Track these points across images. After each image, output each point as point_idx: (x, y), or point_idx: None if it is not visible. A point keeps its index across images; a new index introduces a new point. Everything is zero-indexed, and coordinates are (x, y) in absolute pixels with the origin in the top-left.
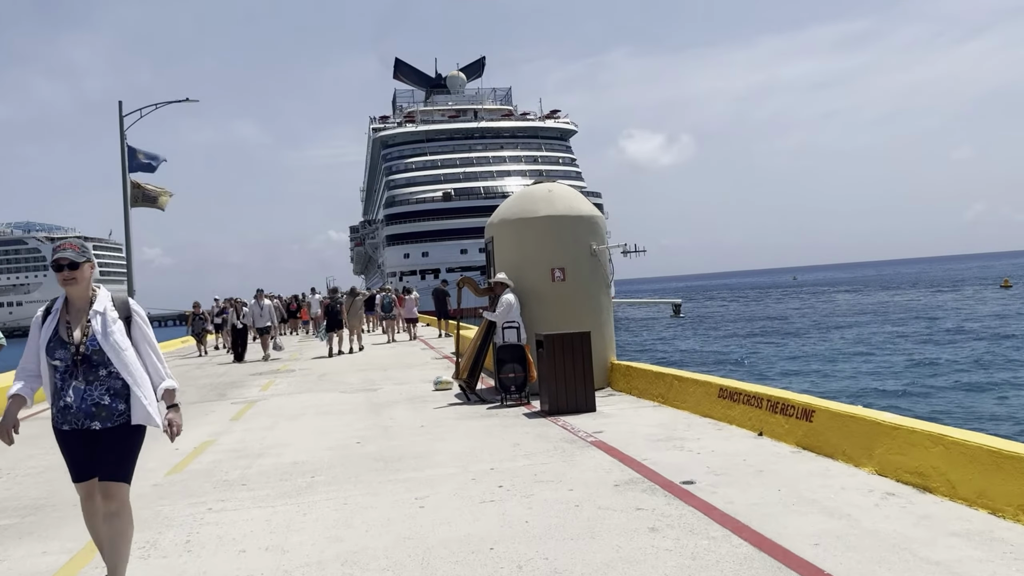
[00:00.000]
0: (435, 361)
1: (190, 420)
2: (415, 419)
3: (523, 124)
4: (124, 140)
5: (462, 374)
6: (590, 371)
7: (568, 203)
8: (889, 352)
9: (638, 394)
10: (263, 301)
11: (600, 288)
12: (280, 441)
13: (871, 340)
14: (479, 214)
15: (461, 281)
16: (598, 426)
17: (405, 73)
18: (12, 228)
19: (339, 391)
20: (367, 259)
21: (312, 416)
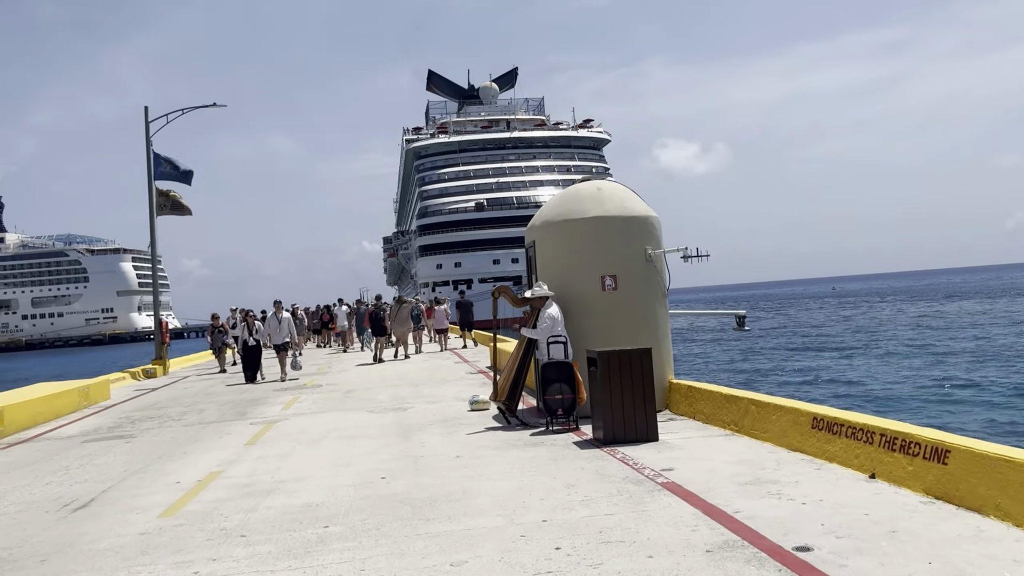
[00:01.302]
0: (469, 376)
1: (203, 443)
2: (449, 447)
3: (556, 134)
4: (150, 146)
5: (500, 395)
6: (651, 394)
7: (620, 202)
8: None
9: (704, 419)
10: (281, 314)
11: (656, 298)
12: (295, 474)
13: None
14: (512, 224)
15: (497, 290)
16: (666, 461)
17: (438, 85)
18: (54, 240)
19: (366, 410)
20: (400, 270)
21: (334, 440)
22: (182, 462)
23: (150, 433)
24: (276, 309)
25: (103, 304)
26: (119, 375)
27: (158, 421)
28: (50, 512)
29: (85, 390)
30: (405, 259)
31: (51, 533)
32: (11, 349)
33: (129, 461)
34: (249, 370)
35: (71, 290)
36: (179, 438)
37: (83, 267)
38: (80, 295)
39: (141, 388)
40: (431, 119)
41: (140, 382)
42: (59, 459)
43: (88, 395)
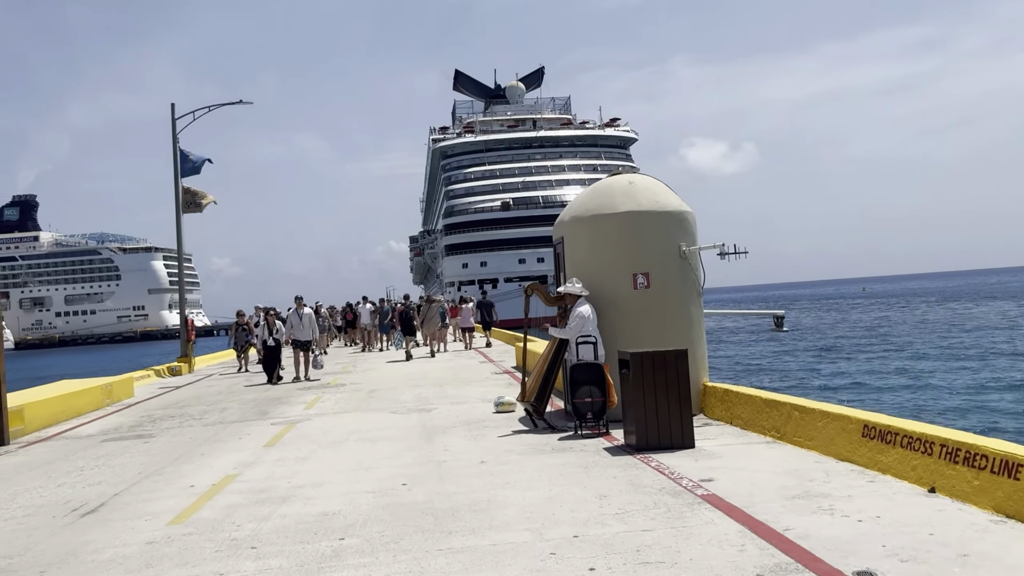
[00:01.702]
0: (494, 377)
1: (221, 443)
2: (474, 451)
3: (582, 133)
4: (176, 143)
5: (529, 396)
6: (687, 398)
7: (653, 196)
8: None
9: (742, 425)
10: (302, 310)
11: (690, 297)
12: (312, 479)
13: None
14: (538, 223)
15: (530, 287)
16: (704, 471)
17: (464, 84)
18: (87, 239)
19: (389, 411)
20: (426, 269)
21: (355, 443)
22: (198, 464)
23: (170, 433)
24: (297, 305)
25: (134, 302)
26: (144, 373)
27: (179, 420)
28: (57, 517)
29: (108, 388)
30: (431, 258)
31: (56, 541)
32: (45, 346)
33: (145, 463)
34: (269, 370)
35: (103, 288)
36: (198, 438)
37: (115, 265)
38: (112, 293)
39: (165, 386)
40: (458, 119)
41: (165, 380)
42: (75, 459)
43: (111, 393)
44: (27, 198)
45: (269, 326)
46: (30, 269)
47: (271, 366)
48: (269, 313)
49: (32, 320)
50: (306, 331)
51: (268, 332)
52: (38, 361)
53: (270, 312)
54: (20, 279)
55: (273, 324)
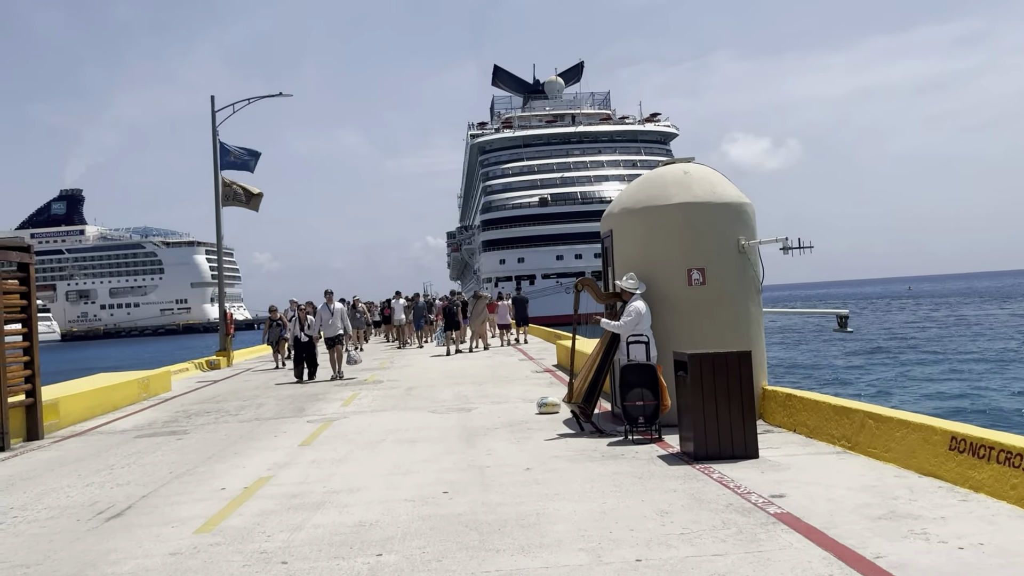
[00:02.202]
0: (535, 376)
1: (256, 442)
2: (519, 456)
3: (622, 128)
4: (216, 136)
5: (576, 397)
6: (751, 404)
7: (709, 187)
8: None
9: (807, 433)
10: (333, 304)
11: (749, 294)
12: (349, 483)
13: None
14: (576, 220)
15: (580, 283)
16: (773, 484)
17: (503, 80)
18: (131, 233)
19: (428, 410)
20: (463, 265)
21: (393, 444)
22: (231, 464)
23: (204, 429)
24: (327, 299)
25: (177, 295)
26: (182, 366)
27: (214, 416)
28: (81, 521)
29: (145, 382)
30: (468, 254)
31: (76, 548)
32: (90, 338)
33: (177, 461)
34: (299, 367)
35: (147, 281)
36: (232, 436)
37: (159, 259)
38: (156, 286)
39: (203, 380)
40: (496, 114)
41: (203, 373)
42: (107, 456)
43: (148, 387)
44: (74, 192)
45: (300, 321)
46: (76, 262)
47: (302, 362)
48: (301, 308)
49: (78, 312)
50: (336, 326)
51: (300, 327)
52: (82, 353)
53: (302, 307)
54: (66, 272)
55: (304, 319)
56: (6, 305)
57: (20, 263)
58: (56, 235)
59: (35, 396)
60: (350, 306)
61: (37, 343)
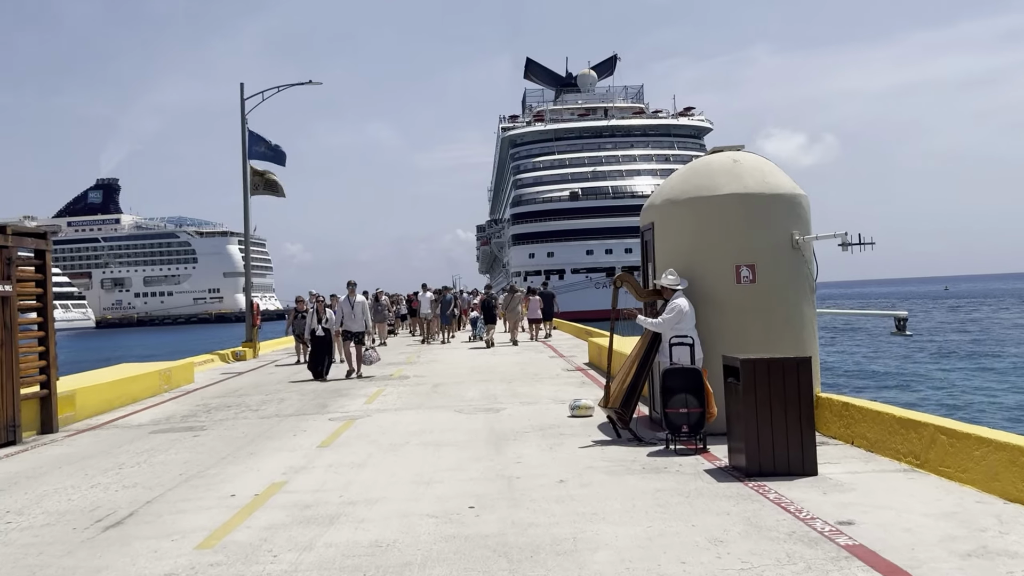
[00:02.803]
0: (566, 374)
1: (274, 441)
2: (551, 465)
3: (655, 122)
4: (245, 124)
5: (613, 402)
6: (810, 415)
7: (761, 177)
8: None
9: (867, 447)
10: (354, 297)
11: (802, 294)
12: (367, 493)
13: None
14: (606, 214)
15: (619, 279)
16: (838, 508)
17: (536, 73)
18: (165, 222)
19: (454, 409)
20: (492, 258)
21: (417, 447)
22: (245, 466)
23: (223, 426)
24: (349, 292)
25: (210, 284)
26: (207, 357)
27: (235, 411)
28: (78, 529)
29: (167, 373)
30: (498, 247)
31: (65, 564)
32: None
33: (189, 461)
34: (315, 363)
35: (180, 270)
36: (251, 433)
37: (192, 248)
38: (189, 275)
39: (228, 372)
40: (528, 107)
41: (228, 365)
42: (118, 454)
43: (170, 379)
44: (110, 182)
45: (319, 314)
46: (111, 251)
47: (319, 359)
48: (320, 299)
49: (112, 300)
50: (358, 321)
51: (317, 320)
52: (114, 341)
53: (320, 298)
54: (102, 260)
55: (323, 312)
56: (20, 293)
57: (36, 250)
58: (92, 224)
59: (50, 388)
60: (372, 299)
61: (53, 332)
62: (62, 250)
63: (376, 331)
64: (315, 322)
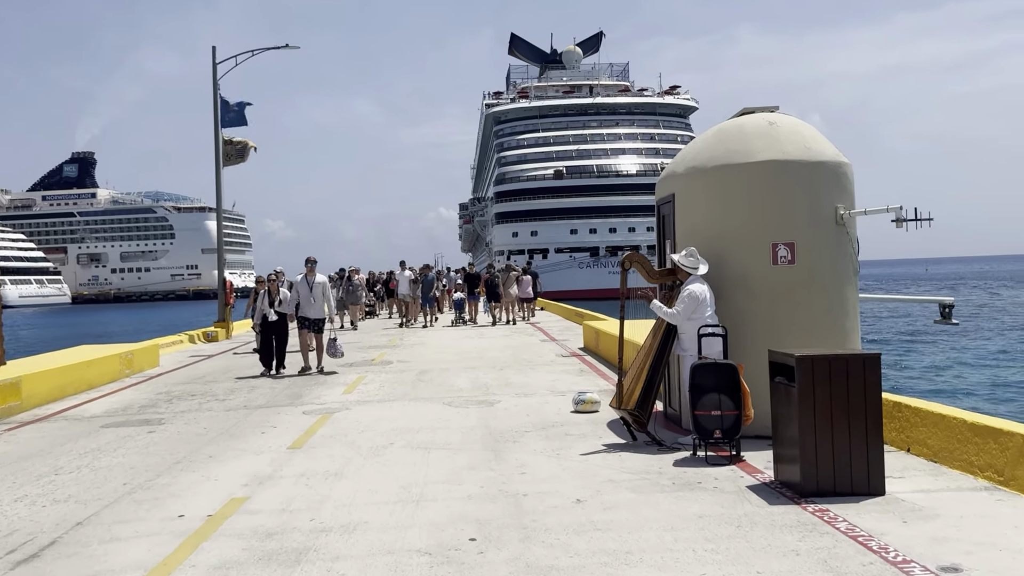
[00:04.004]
0: (561, 360)
1: (239, 440)
2: (562, 478)
3: (640, 100)
4: (217, 90)
5: (627, 402)
6: (878, 424)
7: (802, 142)
8: None
9: (929, 455)
10: (314, 277)
11: (846, 277)
12: (344, 514)
13: None
14: (591, 193)
15: (627, 259)
16: (930, 543)
17: (520, 49)
18: (143, 197)
19: (443, 401)
20: (475, 237)
21: (402, 451)
22: (202, 474)
23: (183, 419)
24: (307, 271)
25: (188, 261)
26: (176, 338)
27: (199, 401)
28: None
29: (128, 357)
30: (481, 226)
31: None
32: (100, 301)
33: (138, 467)
34: (266, 353)
35: (158, 246)
36: (213, 430)
37: (170, 224)
38: (166, 251)
39: (197, 354)
40: (512, 84)
41: (198, 346)
42: (59, 454)
43: (132, 362)
44: (85, 155)
45: (271, 295)
46: (87, 225)
47: (271, 349)
48: (272, 278)
49: (89, 276)
50: (318, 306)
51: (269, 302)
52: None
53: (273, 276)
54: (78, 235)
55: (276, 292)
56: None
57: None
58: (68, 198)
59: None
60: (345, 278)
61: None
62: (37, 224)
63: (348, 314)
64: (267, 304)
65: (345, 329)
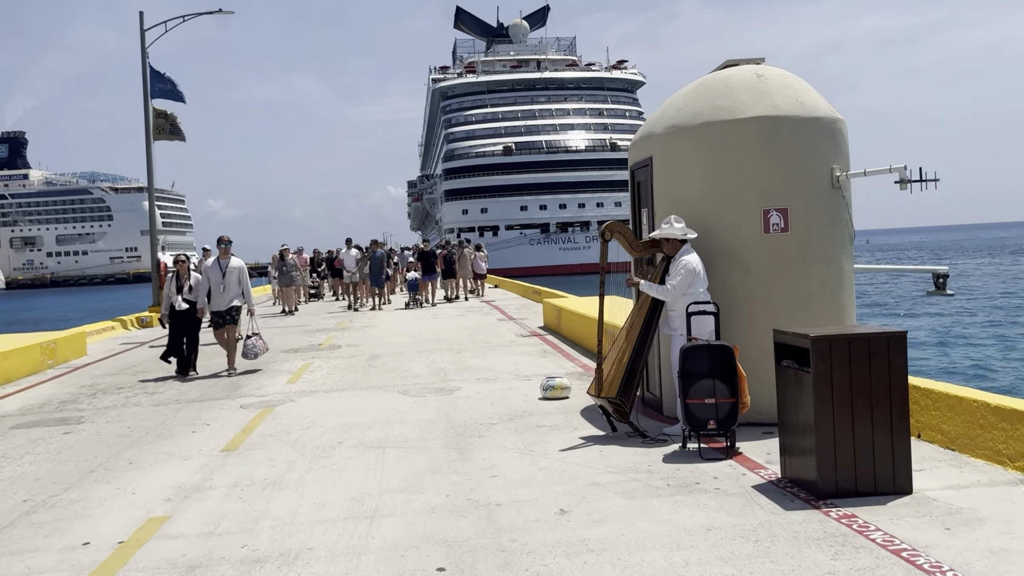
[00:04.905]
0: (522, 341)
1: (166, 441)
2: (540, 480)
3: (588, 75)
4: (146, 59)
5: (608, 390)
6: (904, 413)
7: (795, 96)
8: None
9: (946, 443)
10: (227, 260)
11: (841, 246)
12: (284, 538)
13: None
14: (541, 169)
15: (608, 229)
16: (987, 557)
17: (466, 22)
18: (77, 178)
19: (398, 390)
20: (424, 215)
21: (353, 451)
22: (118, 485)
23: (105, 416)
24: (220, 253)
25: (127, 243)
26: (106, 324)
27: (126, 394)
28: None
29: (51, 346)
30: (430, 204)
31: None
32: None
33: (43, 478)
34: (174, 350)
35: (95, 228)
36: (138, 429)
37: (107, 205)
38: (104, 233)
39: (129, 341)
40: (458, 58)
41: (131, 332)
42: None
43: (55, 352)
44: (16, 135)
45: (179, 279)
46: (20, 208)
47: (179, 345)
48: (180, 260)
49: (23, 260)
50: (230, 294)
51: (177, 288)
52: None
53: (183, 258)
54: (10, 218)
55: (186, 277)
56: None
57: None
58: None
59: None
60: (277, 258)
61: None
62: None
63: (282, 299)
64: (174, 291)
65: (283, 315)
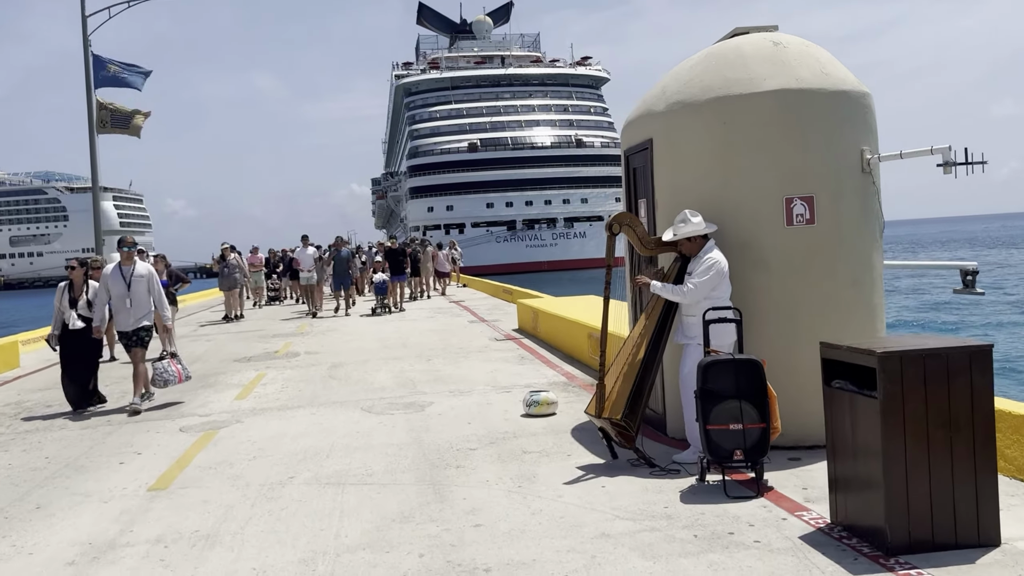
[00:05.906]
0: (497, 345)
1: (87, 473)
2: (536, 534)
3: (552, 71)
4: (88, 46)
5: (611, 410)
6: (991, 446)
7: (818, 66)
8: None
9: (1015, 473)
10: (132, 267)
11: (872, 240)
12: None
13: None
14: (506, 166)
15: (615, 221)
16: None
17: (429, 18)
18: (31, 177)
19: (361, 407)
20: (389, 213)
21: (306, 490)
22: (13, 543)
23: (24, 442)
24: (122, 258)
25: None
26: (45, 332)
27: (54, 412)
28: None
29: None
30: (395, 201)
31: None
32: None
33: None
34: (73, 381)
35: (51, 229)
36: (58, 459)
37: (62, 205)
38: (60, 234)
39: None
40: (422, 54)
41: None
42: None
43: None
44: None
45: (73, 290)
46: None
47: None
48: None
49: None
50: (138, 310)
51: (71, 302)
52: None
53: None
54: None
55: (84, 289)
56: None
57: None
58: None
59: None
60: (217, 258)
61: None
62: None
63: (226, 302)
64: (67, 305)
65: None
